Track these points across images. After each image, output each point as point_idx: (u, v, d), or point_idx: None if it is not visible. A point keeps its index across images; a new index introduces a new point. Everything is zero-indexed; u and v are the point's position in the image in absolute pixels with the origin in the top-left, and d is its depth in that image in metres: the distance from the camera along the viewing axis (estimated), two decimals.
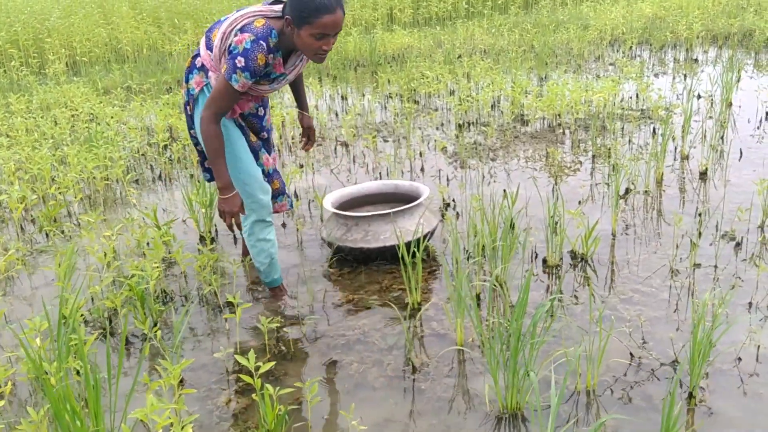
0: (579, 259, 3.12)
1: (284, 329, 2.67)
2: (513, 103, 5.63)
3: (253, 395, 2.17)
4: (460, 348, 2.47)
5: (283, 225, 3.73)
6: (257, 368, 2.15)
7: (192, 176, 4.42)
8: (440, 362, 2.42)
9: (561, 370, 2.30)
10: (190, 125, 2.72)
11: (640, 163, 4.22)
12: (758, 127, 4.82)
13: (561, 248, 3.09)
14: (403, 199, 3.43)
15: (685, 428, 2.02)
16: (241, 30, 2.35)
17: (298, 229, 3.62)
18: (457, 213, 3.72)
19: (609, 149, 4.53)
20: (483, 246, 3.10)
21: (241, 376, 2.14)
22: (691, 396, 2.12)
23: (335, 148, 5.04)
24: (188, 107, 2.68)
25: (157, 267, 2.85)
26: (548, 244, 3.07)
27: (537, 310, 2.15)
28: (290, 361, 2.48)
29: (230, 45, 2.38)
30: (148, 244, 3.33)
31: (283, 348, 2.57)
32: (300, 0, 2.27)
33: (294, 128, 5.58)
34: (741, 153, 4.30)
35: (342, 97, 6.69)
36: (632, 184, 3.90)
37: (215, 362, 2.50)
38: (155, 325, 2.70)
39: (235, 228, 2.49)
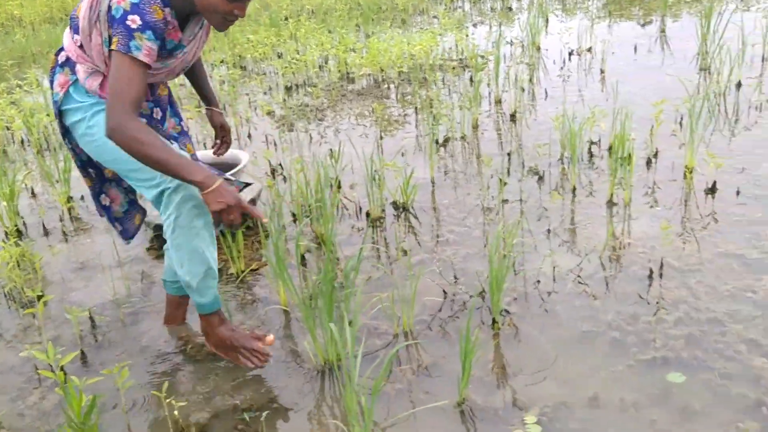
0: (401, 209, 3.22)
1: (100, 316, 2.55)
2: (339, 62, 5.64)
3: (56, 389, 2.06)
4: (284, 309, 2.49)
5: None
6: (59, 360, 2.03)
7: None
8: (265, 326, 2.43)
9: (382, 317, 2.39)
10: (64, 136, 2.15)
11: (459, 110, 4.41)
12: (562, 68, 5.18)
13: (382, 200, 3.18)
14: (224, 167, 3.35)
15: (493, 352, 2.17)
16: None
17: None
18: (284, 177, 3.71)
19: (431, 100, 4.68)
20: (310, 207, 3.11)
21: (42, 372, 2.01)
22: (494, 322, 2.28)
23: None
24: (58, 117, 2.10)
25: None
26: (370, 197, 3.14)
27: (347, 262, 2.20)
28: (107, 349, 2.38)
29: (109, 10, 1.82)
30: None
31: (99, 337, 2.45)
32: None
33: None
34: (546, 93, 4.62)
35: None
36: (451, 131, 4.07)
37: (25, 362, 2.33)
38: None
39: (263, 221, 1.93)
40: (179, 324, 2.44)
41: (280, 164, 3.86)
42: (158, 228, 3.03)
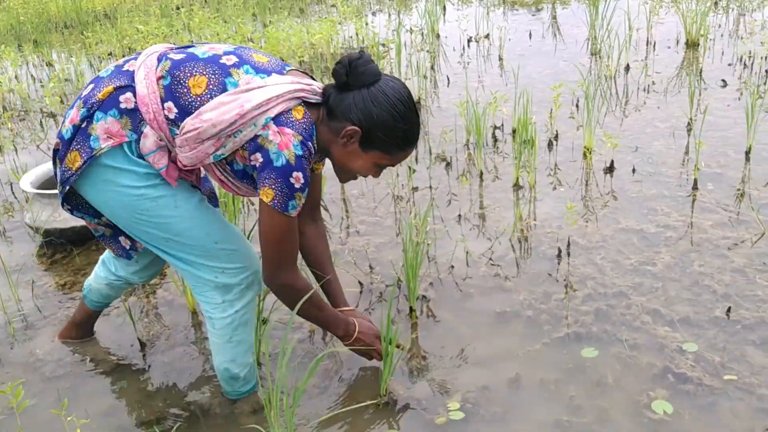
0: None
1: None
2: None
3: None
4: (192, 311, 2.37)
5: None
6: None
7: None
8: (174, 331, 2.30)
9: None
10: (65, 197, 1.77)
11: None
12: (462, 54, 5.26)
13: None
14: None
15: (412, 340, 2.15)
16: (278, 122, 1.57)
17: None
18: None
19: None
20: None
21: None
22: (411, 310, 2.27)
23: (41, 121, 4.48)
24: (66, 156, 1.65)
25: None
26: None
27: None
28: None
29: (258, 146, 1.56)
30: None
31: None
32: (390, 119, 1.60)
33: None
34: (448, 80, 4.66)
35: (47, 63, 5.96)
36: None
37: None
38: None
39: (403, 349, 2.01)
40: (81, 339, 2.26)
41: None
42: (48, 234, 2.81)
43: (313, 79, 1.73)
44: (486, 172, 3.26)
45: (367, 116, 1.60)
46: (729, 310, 2.12)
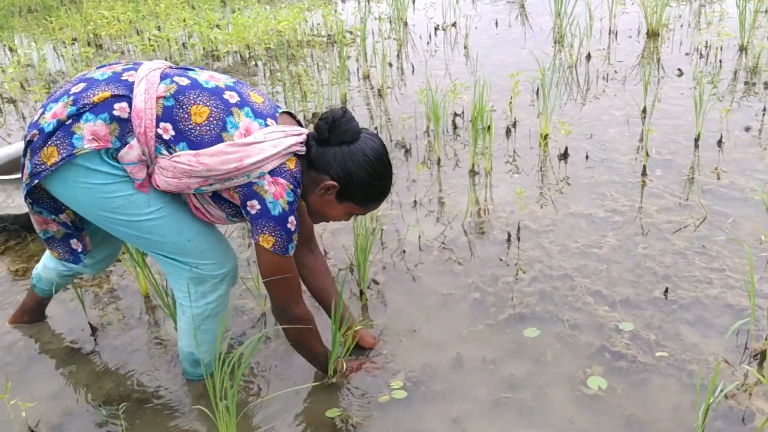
0: None
1: None
2: (203, 39, 5.43)
3: None
4: (145, 295, 2.38)
5: None
6: None
7: None
8: (126, 316, 2.31)
9: (249, 296, 2.34)
10: (37, 202, 1.79)
11: (329, 87, 4.38)
12: (428, 43, 5.28)
13: None
14: None
15: (361, 322, 2.19)
16: (273, 173, 1.65)
17: None
18: None
19: (300, 77, 4.62)
20: None
21: None
22: (362, 293, 2.30)
23: (0, 107, 4.43)
24: (42, 149, 1.62)
25: None
26: None
27: None
28: None
29: (254, 194, 1.64)
30: None
31: None
32: (367, 177, 1.70)
33: None
34: (413, 68, 4.69)
35: (10, 48, 5.87)
36: (320, 107, 4.03)
37: None
38: None
39: (368, 368, 1.99)
40: (32, 323, 2.27)
41: None
42: (2, 220, 2.80)
43: (300, 124, 1.79)
44: (445, 158, 3.30)
45: (346, 173, 1.69)
46: (666, 290, 2.19)
